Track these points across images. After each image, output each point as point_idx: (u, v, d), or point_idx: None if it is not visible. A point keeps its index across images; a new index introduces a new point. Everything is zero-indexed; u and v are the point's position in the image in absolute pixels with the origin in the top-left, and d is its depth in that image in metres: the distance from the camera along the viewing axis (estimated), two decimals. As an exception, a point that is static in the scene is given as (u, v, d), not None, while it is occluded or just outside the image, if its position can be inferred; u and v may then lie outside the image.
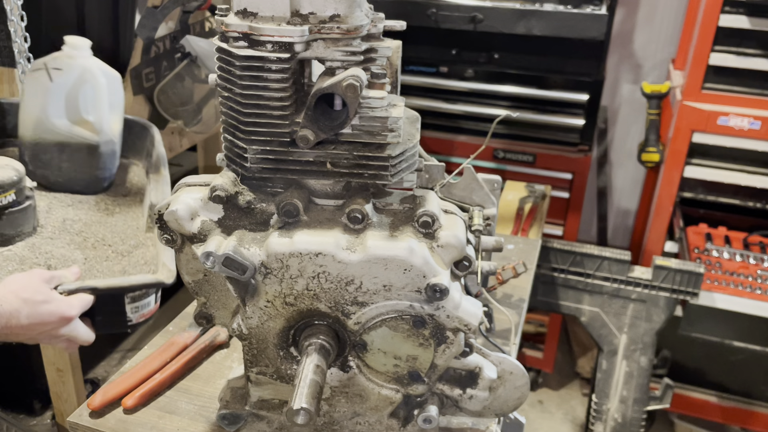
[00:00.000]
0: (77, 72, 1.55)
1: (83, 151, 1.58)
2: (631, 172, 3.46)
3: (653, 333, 2.25)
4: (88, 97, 1.56)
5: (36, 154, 1.59)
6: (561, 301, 2.32)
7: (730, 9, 2.35)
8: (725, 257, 2.47)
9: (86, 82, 1.56)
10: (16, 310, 1.05)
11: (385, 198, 0.98)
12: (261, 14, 0.88)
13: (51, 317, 1.08)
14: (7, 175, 1.37)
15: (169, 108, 2.17)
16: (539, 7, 2.62)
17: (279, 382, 1.04)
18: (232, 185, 0.95)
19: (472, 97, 2.91)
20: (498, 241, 1.26)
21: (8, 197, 1.38)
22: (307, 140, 0.89)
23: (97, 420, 1.14)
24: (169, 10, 2.08)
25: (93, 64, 1.58)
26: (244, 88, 0.90)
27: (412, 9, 2.70)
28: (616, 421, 2.35)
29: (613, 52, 3.21)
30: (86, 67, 1.56)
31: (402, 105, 0.96)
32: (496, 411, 1.08)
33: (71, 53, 1.56)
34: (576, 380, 3.14)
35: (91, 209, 1.58)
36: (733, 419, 2.62)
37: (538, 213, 2.31)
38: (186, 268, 1.01)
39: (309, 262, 0.91)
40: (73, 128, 1.57)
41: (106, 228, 1.51)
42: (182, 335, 1.33)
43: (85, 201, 1.60)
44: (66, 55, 1.55)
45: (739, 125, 2.39)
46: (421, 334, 0.96)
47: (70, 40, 1.56)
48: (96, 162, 1.59)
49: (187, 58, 2.17)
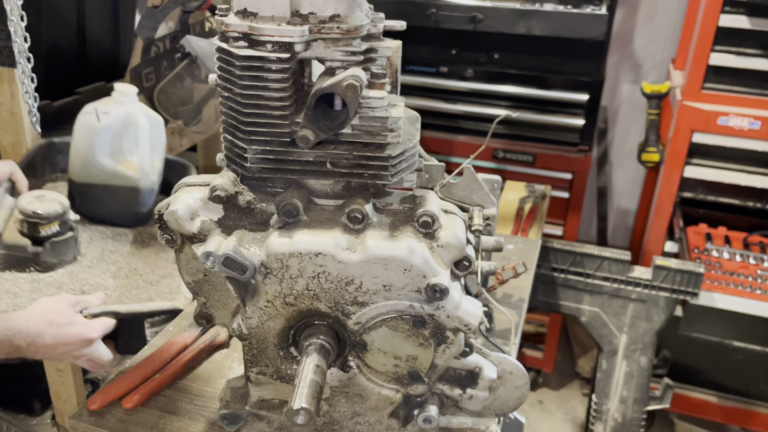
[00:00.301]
0: (123, 116, 1.69)
1: (125, 189, 1.71)
2: (631, 172, 3.46)
3: (653, 333, 2.25)
4: (132, 139, 1.71)
5: (82, 190, 1.73)
6: (561, 301, 2.32)
7: (730, 9, 2.35)
8: (725, 257, 2.47)
9: (131, 126, 1.70)
10: (41, 331, 1.14)
11: (385, 198, 0.98)
12: (261, 14, 0.88)
13: (74, 338, 1.15)
14: (53, 208, 1.53)
15: (169, 108, 2.17)
16: (539, 7, 2.62)
17: (279, 382, 1.04)
18: (232, 185, 0.95)
19: (472, 97, 2.91)
20: (498, 241, 1.26)
21: (52, 228, 1.54)
22: (307, 140, 0.89)
23: (97, 420, 1.14)
24: (169, 10, 2.08)
25: (138, 108, 1.72)
26: (244, 88, 0.90)
27: (412, 9, 2.70)
28: (616, 421, 2.35)
29: (613, 52, 3.21)
30: (131, 111, 1.70)
31: (402, 105, 0.96)
32: (496, 411, 1.08)
33: (119, 98, 1.70)
34: (576, 380, 3.14)
35: (128, 241, 1.72)
36: (733, 419, 2.62)
37: (538, 213, 2.31)
38: (186, 268, 1.01)
39: (309, 262, 0.91)
40: (117, 167, 1.70)
41: (139, 259, 1.65)
42: (182, 335, 1.33)
43: (124, 234, 1.74)
44: (114, 100, 1.70)
45: (739, 125, 2.39)
46: (421, 334, 0.96)
47: (120, 87, 1.70)
48: (136, 199, 1.73)
49: (187, 58, 2.17)
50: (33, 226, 1.53)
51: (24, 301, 1.45)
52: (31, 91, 1.74)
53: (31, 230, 1.53)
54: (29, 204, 1.53)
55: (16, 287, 1.48)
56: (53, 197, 1.56)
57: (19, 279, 1.51)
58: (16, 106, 1.74)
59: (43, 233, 1.54)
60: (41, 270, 1.55)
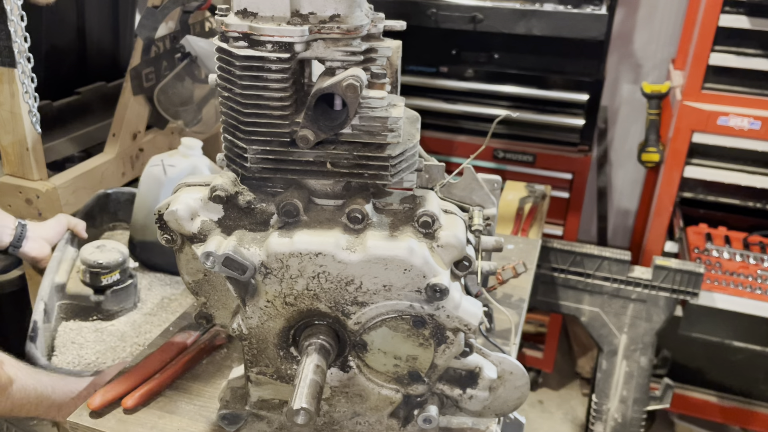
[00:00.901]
0: (188, 168, 1.74)
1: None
2: (631, 172, 3.46)
3: (653, 333, 2.25)
4: None
5: (144, 238, 1.77)
6: (561, 301, 2.32)
7: (730, 9, 2.35)
8: (725, 257, 2.47)
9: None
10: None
11: (385, 198, 0.98)
12: (261, 14, 0.88)
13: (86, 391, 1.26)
14: (114, 257, 1.58)
15: (169, 108, 2.17)
16: (539, 7, 2.62)
17: (279, 382, 1.04)
18: (232, 185, 0.95)
19: (472, 97, 2.91)
20: (498, 241, 1.26)
21: (113, 277, 1.59)
22: (307, 140, 0.89)
23: (97, 420, 1.14)
24: (169, 10, 2.08)
25: (202, 162, 1.78)
26: (244, 88, 0.90)
27: (412, 9, 2.70)
28: (616, 421, 2.35)
29: (613, 52, 3.21)
30: (196, 164, 1.76)
31: (402, 105, 0.96)
32: (496, 411, 1.08)
33: (185, 152, 1.76)
34: (576, 380, 3.14)
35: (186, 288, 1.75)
36: (733, 419, 2.62)
37: (538, 213, 2.31)
38: (186, 268, 1.01)
39: (309, 262, 0.91)
40: None
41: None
42: (182, 335, 1.33)
43: (181, 281, 1.74)
44: (180, 153, 1.76)
45: (739, 125, 2.39)
46: (421, 334, 0.96)
47: (186, 141, 1.77)
48: None
49: (187, 58, 2.17)
50: (95, 276, 1.58)
51: (89, 352, 1.51)
52: (31, 91, 1.74)
53: (93, 280, 1.58)
54: (91, 254, 1.58)
55: (81, 337, 1.55)
56: (113, 246, 1.61)
57: (83, 328, 1.57)
58: (16, 106, 1.74)
59: (104, 282, 1.58)
60: (104, 318, 1.60)
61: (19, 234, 1.62)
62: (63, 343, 1.52)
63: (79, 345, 1.52)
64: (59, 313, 1.60)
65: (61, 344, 1.52)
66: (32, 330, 1.46)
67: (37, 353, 1.42)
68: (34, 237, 1.65)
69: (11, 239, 1.61)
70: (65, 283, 1.62)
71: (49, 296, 1.56)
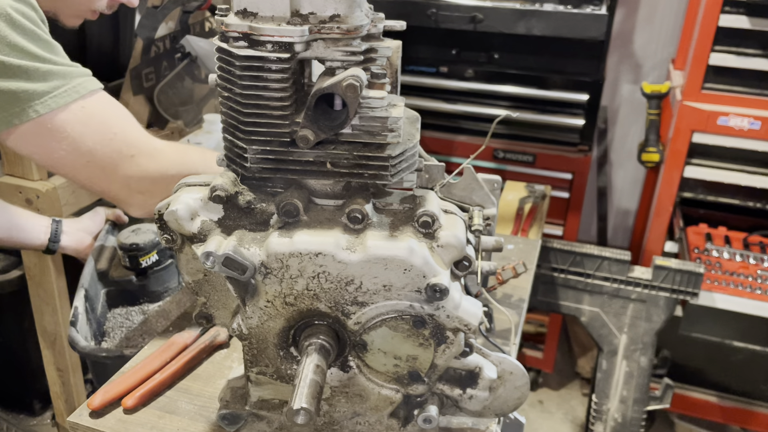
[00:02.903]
0: (214, 144, 1.76)
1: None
2: (631, 172, 3.46)
3: (653, 333, 2.25)
4: None
5: None
6: (561, 301, 2.32)
7: (730, 9, 2.35)
8: (725, 257, 2.47)
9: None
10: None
11: (385, 198, 0.98)
12: (261, 14, 0.88)
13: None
14: (149, 238, 1.56)
15: (169, 108, 2.17)
16: (539, 7, 2.62)
17: (279, 382, 1.04)
18: (232, 185, 0.95)
19: (472, 97, 2.91)
20: (498, 241, 1.26)
21: (152, 258, 1.57)
22: (307, 140, 0.89)
23: (97, 420, 1.14)
24: (169, 10, 2.08)
25: None
26: (244, 88, 0.90)
27: (412, 9, 2.70)
28: (616, 421, 2.35)
29: (613, 52, 3.21)
30: (220, 140, 1.74)
31: (402, 105, 0.96)
32: (496, 411, 1.08)
33: (209, 128, 1.79)
34: (576, 380, 3.14)
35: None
36: (733, 419, 2.62)
37: (538, 213, 2.31)
38: (186, 268, 1.01)
39: (309, 262, 0.91)
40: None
41: None
42: (182, 335, 1.33)
43: None
44: (204, 131, 1.79)
45: (739, 125, 2.39)
46: (421, 334, 0.96)
47: (208, 117, 1.78)
48: None
49: (187, 58, 2.17)
50: (133, 259, 1.57)
51: (136, 333, 1.53)
52: (31, 91, 1.74)
53: (132, 263, 1.57)
54: (126, 238, 1.57)
55: (128, 321, 1.57)
56: (148, 228, 1.60)
57: (131, 312, 1.59)
58: (16, 106, 1.73)
59: (144, 264, 1.57)
60: (150, 300, 1.61)
61: (54, 230, 1.63)
62: (112, 327, 1.55)
63: (126, 328, 1.54)
64: (106, 300, 1.60)
65: (110, 329, 1.55)
66: (73, 315, 1.46)
67: (78, 336, 1.42)
68: (71, 231, 1.66)
69: (48, 236, 1.62)
70: (107, 269, 1.61)
71: (90, 283, 1.56)
